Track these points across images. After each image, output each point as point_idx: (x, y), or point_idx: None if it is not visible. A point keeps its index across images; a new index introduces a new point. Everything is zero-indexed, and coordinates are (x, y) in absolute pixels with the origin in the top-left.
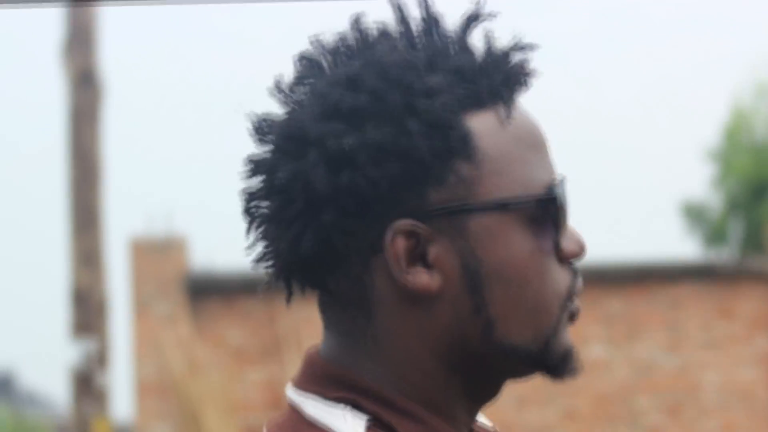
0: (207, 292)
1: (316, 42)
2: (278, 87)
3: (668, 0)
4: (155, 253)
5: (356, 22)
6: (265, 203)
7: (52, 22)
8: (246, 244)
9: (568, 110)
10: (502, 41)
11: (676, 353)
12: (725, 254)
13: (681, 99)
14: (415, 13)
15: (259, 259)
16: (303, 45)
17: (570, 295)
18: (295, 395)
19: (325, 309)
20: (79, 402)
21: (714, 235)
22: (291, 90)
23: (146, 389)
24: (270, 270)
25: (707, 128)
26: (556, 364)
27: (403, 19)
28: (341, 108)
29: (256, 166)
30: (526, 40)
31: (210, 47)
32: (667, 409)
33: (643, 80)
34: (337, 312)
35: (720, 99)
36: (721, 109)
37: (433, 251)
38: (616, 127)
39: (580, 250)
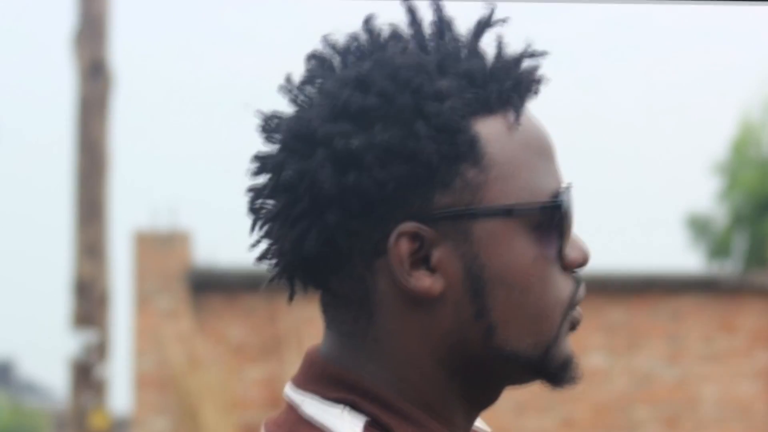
0: (209, 287)
1: (327, 41)
2: (288, 85)
3: (676, 10)
4: (159, 247)
5: (368, 23)
6: (270, 201)
7: (63, 12)
8: (250, 241)
9: (574, 116)
10: (513, 47)
11: (676, 365)
12: (728, 268)
13: (688, 109)
14: (426, 17)
15: (262, 257)
16: (313, 44)
17: (572, 304)
18: (294, 394)
19: (327, 309)
20: (77, 393)
21: (718, 248)
22: (300, 88)
23: (145, 383)
24: (273, 268)
25: (714, 139)
26: (556, 371)
27: (414, 21)
28: (350, 108)
29: (263, 164)
30: (536, 46)
31: (219, 44)
32: (666, 421)
33: (650, 89)
34: (339, 312)
35: (727, 110)
36: (728, 121)
37: (437, 255)
38: (622, 135)
39: (584, 259)
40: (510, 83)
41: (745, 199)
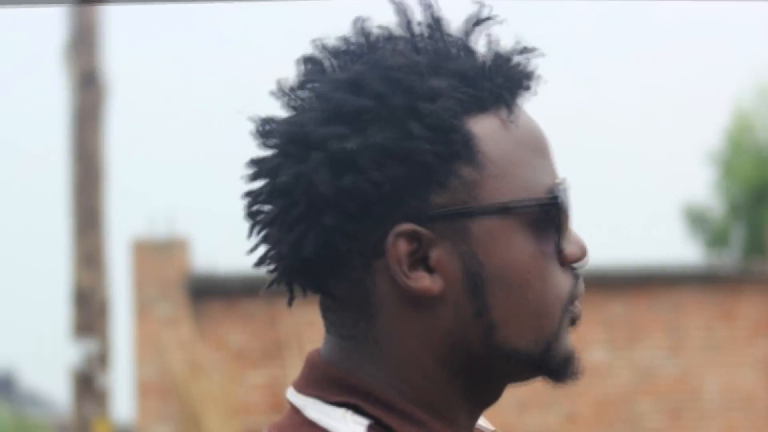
0: (209, 294)
1: (320, 44)
2: (281, 89)
3: (671, 4)
4: (157, 255)
5: (359, 25)
6: (267, 206)
7: (56, 22)
8: (248, 246)
9: (570, 113)
10: (506, 45)
11: (678, 357)
12: (727, 258)
13: (683, 102)
14: (418, 17)
15: (261, 262)
16: (306, 47)
17: (572, 299)
18: (296, 398)
19: (327, 312)
20: (79, 402)
21: (716, 239)
22: (294, 92)
23: (147, 390)
24: (272, 272)
25: (709, 132)
26: (558, 368)
27: (406, 22)
28: (344, 111)
29: (259, 169)
30: (530, 43)
31: (213, 49)
32: (668, 413)
33: (646, 83)
34: (339, 315)
35: (722, 102)
36: (724, 113)
37: (435, 254)
38: (619, 130)
39: (582, 254)
40: (503, 81)
41: (742, 189)
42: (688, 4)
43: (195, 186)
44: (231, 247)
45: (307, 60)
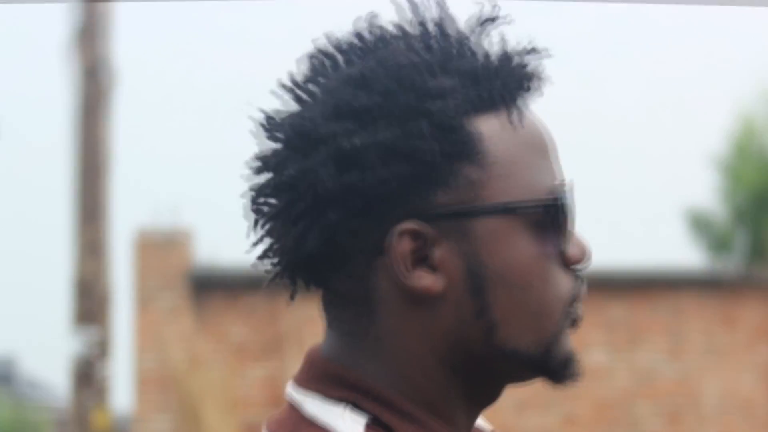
0: (210, 287)
1: (329, 40)
2: (290, 83)
3: (674, 5)
4: (160, 247)
5: (368, 22)
6: (271, 200)
7: (62, 14)
8: (251, 240)
9: (572, 114)
10: (513, 45)
11: (678, 361)
12: (729, 264)
13: (686, 104)
14: (427, 15)
15: (263, 256)
16: (312, 43)
17: (573, 301)
18: (295, 393)
19: (328, 308)
20: (79, 392)
21: (718, 243)
22: (302, 87)
23: (147, 382)
24: (274, 267)
25: (712, 134)
26: (557, 369)
27: (415, 19)
28: (351, 107)
29: (264, 163)
30: (537, 44)
31: (218, 44)
32: (668, 417)
33: (648, 85)
34: (340, 311)
35: (725, 105)
36: (727, 116)
37: (438, 253)
38: (621, 131)
39: (585, 256)
40: (510, 81)
41: (746, 195)
42: (690, 6)
43: (199, 179)
44: (234, 240)
45: (316, 55)
